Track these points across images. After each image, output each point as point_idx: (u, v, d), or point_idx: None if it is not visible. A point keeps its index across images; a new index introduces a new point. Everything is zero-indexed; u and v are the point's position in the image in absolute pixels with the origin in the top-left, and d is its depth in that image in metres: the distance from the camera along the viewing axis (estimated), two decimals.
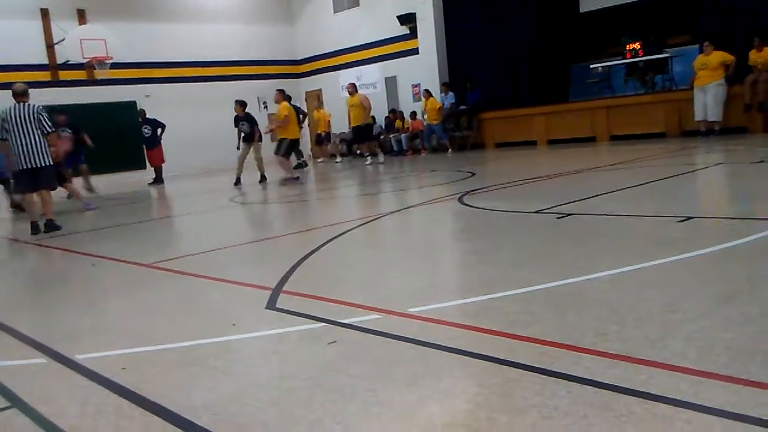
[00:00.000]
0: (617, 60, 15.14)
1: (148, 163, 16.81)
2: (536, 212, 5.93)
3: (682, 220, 4.86)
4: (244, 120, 13.39)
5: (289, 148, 12.57)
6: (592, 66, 15.74)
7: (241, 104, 13.51)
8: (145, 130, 15.68)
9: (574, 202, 6.24)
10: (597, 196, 6.60)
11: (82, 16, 17.51)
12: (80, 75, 17.35)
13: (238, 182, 13.14)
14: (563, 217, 5.52)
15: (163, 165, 16.12)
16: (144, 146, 16.52)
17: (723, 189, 7.19)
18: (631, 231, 4.95)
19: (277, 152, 12.51)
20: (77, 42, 16.17)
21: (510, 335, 2.76)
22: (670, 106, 13.35)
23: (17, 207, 11.57)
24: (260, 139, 13.66)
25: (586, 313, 2.98)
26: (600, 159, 11.17)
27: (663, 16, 14.62)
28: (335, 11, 20.57)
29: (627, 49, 14.64)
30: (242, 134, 13.47)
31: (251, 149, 13.42)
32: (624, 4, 14.96)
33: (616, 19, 15.24)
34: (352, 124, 15.51)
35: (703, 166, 8.98)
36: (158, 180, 15.88)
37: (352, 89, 14.89)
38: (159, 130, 15.73)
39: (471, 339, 2.81)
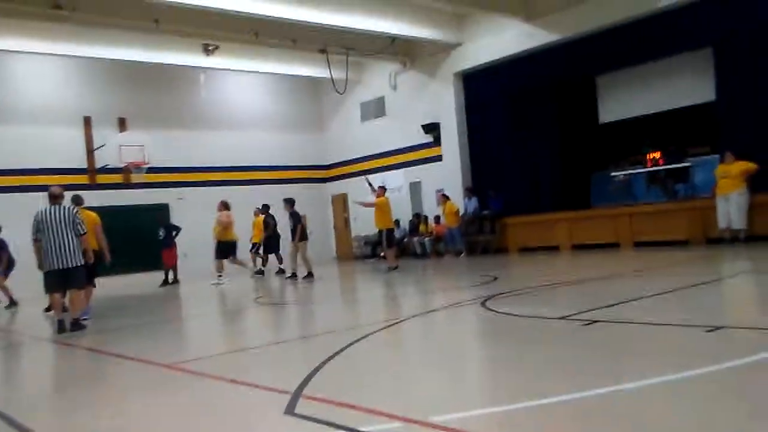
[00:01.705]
0: (638, 169, 15.36)
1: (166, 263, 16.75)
2: (561, 318, 5.86)
3: (711, 330, 4.76)
4: (290, 217, 14.26)
5: (387, 238, 13.94)
6: (613, 174, 15.97)
7: (287, 202, 14.47)
8: (160, 233, 15.92)
9: (599, 308, 6.17)
10: (623, 303, 6.51)
11: (122, 124, 18.43)
12: (116, 179, 18.03)
13: (292, 276, 14.06)
14: (589, 324, 5.44)
15: (175, 265, 16.04)
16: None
17: (752, 298, 7.06)
18: (659, 340, 4.85)
19: (382, 246, 14.54)
20: (116, 147, 16.93)
21: None
22: (693, 213, 13.36)
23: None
24: (303, 238, 14.11)
25: (613, 426, 2.89)
26: (624, 265, 11.10)
27: (682, 127, 14.94)
28: (363, 120, 21.40)
29: (648, 158, 14.88)
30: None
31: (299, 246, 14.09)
32: (642, 116, 15.37)
33: (636, 129, 15.61)
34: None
35: (730, 274, 8.86)
36: (165, 281, 15.84)
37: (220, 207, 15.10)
38: (174, 233, 15.96)
39: None
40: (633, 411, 3.09)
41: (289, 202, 14.41)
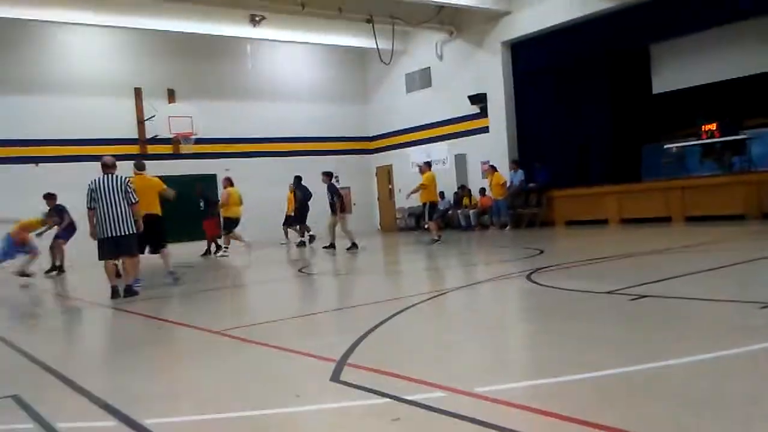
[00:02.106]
0: (692, 141, 14.88)
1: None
2: (608, 293, 5.76)
3: (765, 307, 4.61)
4: (327, 190, 14.22)
5: (429, 210, 14.15)
6: (666, 146, 15.52)
7: (324, 174, 14.43)
8: (201, 204, 16.14)
9: (648, 283, 6.03)
10: (673, 278, 6.36)
11: (171, 95, 18.72)
12: (166, 149, 18.39)
13: (330, 246, 13.97)
14: (637, 298, 5.34)
15: (214, 236, 16.02)
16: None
17: None
18: (710, 316, 4.73)
19: (425, 219, 14.74)
20: (165, 118, 17.24)
21: (581, 422, 2.66)
22: (750, 187, 12.91)
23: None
24: (342, 210, 14.18)
25: (662, 402, 2.84)
26: (675, 240, 10.82)
27: (740, 97, 14.37)
28: (408, 91, 21.23)
29: (703, 130, 14.39)
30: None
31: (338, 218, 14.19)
32: (698, 86, 14.83)
33: (691, 100, 15.09)
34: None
35: None
36: (207, 251, 16.06)
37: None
38: (212, 203, 16.18)
39: (540, 424, 2.72)
40: (682, 386, 3.03)
41: (327, 174, 14.37)
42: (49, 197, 13.37)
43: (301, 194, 16.46)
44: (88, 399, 3.70)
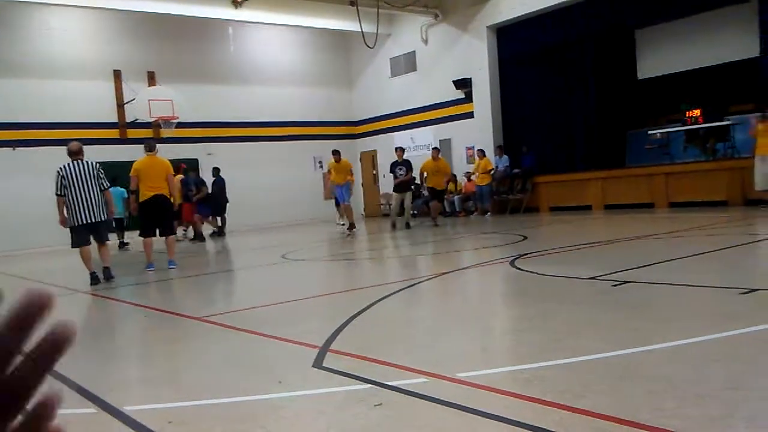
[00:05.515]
0: (676, 126, 14.96)
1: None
2: (591, 279, 5.78)
3: (746, 292, 4.65)
4: (402, 165, 14.58)
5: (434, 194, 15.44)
6: (650, 132, 15.59)
7: (401, 150, 15.01)
8: (192, 188, 15.86)
9: (630, 269, 6.07)
10: (655, 264, 6.40)
11: (151, 78, 18.46)
12: (147, 133, 18.09)
13: (407, 226, 14.28)
14: (619, 284, 5.36)
15: (191, 221, 15.94)
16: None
17: None
18: (691, 302, 4.76)
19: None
20: (146, 102, 17.00)
21: (561, 406, 2.66)
22: (733, 173, 13.01)
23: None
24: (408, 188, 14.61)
25: (642, 386, 2.85)
26: (658, 226, 10.90)
27: (724, 84, 14.45)
28: (392, 75, 21.10)
29: (687, 115, 14.47)
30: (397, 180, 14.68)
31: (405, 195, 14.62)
32: (683, 71, 14.89)
33: (676, 86, 15.15)
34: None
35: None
36: (195, 236, 15.92)
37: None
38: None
39: (520, 409, 2.72)
40: (663, 371, 3.04)
41: (402, 150, 14.97)
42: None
43: (217, 186, 16.24)
44: (66, 386, 3.64)
